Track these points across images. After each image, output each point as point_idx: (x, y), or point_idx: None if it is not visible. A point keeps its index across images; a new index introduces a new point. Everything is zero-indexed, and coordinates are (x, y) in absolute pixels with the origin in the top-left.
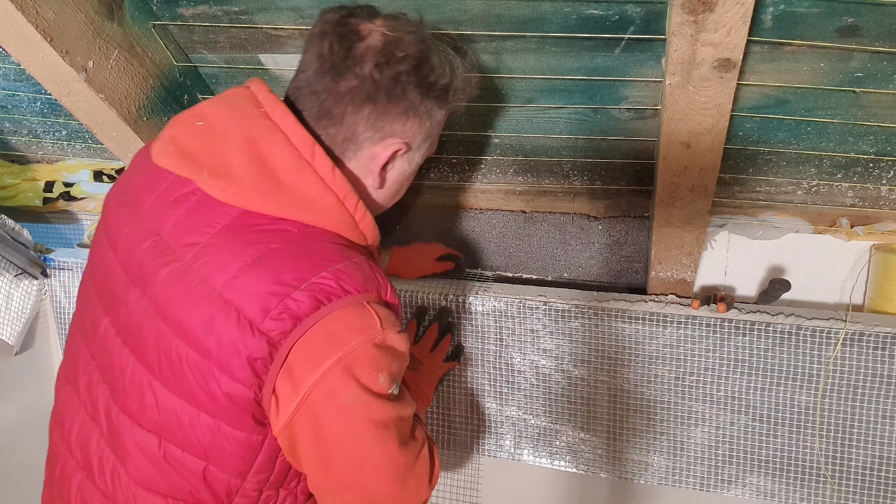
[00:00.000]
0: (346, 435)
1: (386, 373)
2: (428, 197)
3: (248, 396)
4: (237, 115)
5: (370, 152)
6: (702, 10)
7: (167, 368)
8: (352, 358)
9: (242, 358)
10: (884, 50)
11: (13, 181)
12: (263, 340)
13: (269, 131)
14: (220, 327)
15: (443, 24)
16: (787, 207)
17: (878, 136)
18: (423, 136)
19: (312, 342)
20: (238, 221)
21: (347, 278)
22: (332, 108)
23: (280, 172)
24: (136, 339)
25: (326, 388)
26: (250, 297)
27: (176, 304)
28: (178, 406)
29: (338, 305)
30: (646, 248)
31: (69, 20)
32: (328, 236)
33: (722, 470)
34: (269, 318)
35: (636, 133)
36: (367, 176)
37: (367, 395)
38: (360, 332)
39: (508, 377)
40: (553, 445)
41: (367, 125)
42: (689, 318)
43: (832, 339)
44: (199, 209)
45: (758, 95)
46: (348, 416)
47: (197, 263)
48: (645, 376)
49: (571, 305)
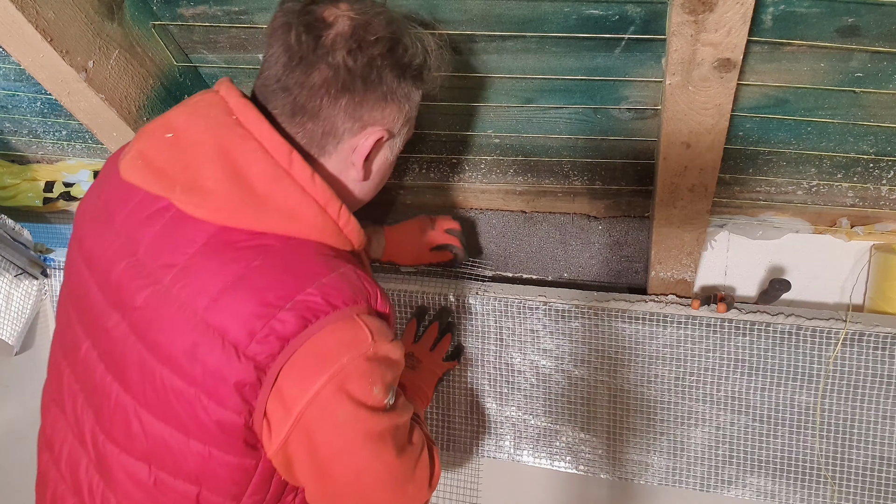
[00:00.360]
0: (342, 450)
1: (380, 384)
2: (428, 197)
3: (238, 423)
4: (208, 123)
5: (350, 144)
6: (702, 10)
7: (152, 396)
8: (344, 375)
9: (230, 385)
10: (884, 50)
11: (13, 181)
12: (250, 365)
13: (241, 140)
14: (204, 354)
15: (442, 24)
16: (788, 207)
17: (878, 136)
18: (403, 121)
19: (302, 363)
20: (215, 239)
21: (334, 292)
22: (307, 102)
23: (256, 183)
24: (119, 365)
25: (319, 407)
26: (234, 321)
27: (157, 330)
28: (166, 433)
29: (326, 322)
30: (646, 248)
31: (69, 20)
32: (311, 247)
33: (722, 470)
34: (254, 342)
35: (636, 133)
36: (349, 169)
37: (362, 409)
38: (351, 347)
39: (508, 377)
40: (553, 446)
41: (346, 116)
42: (689, 318)
43: (832, 339)
44: (173, 227)
45: (758, 95)
46: (343, 431)
47: (176, 287)
48: (645, 376)
49: (571, 305)
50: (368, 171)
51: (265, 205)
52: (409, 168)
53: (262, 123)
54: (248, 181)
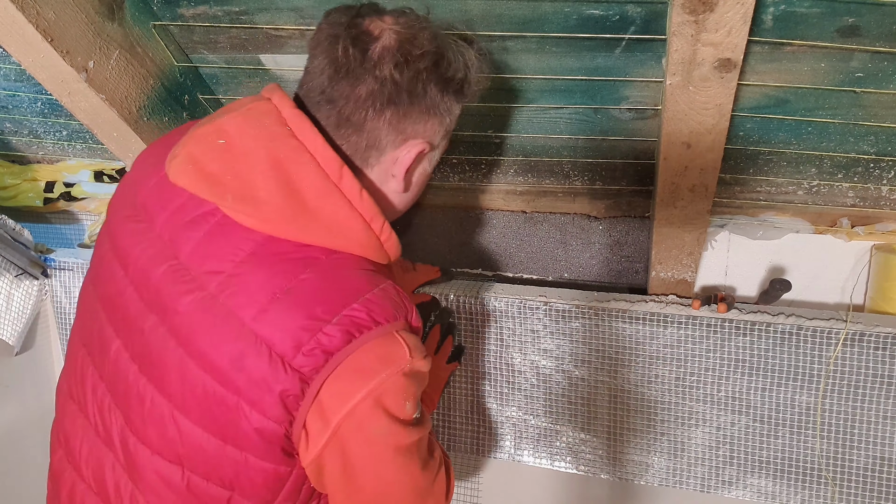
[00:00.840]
0: (372, 463)
1: (412, 400)
2: (428, 197)
3: (279, 432)
4: (261, 132)
5: (392, 156)
6: (702, 11)
7: (191, 401)
8: (382, 390)
9: (275, 395)
10: (884, 50)
11: (14, 181)
12: (296, 377)
13: (295, 152)
14: (250, 364)
15: None
16: (788, 207)
17: (878, 136)
18: (443, 134)
19: (344, 376)
20: (263, 249)
21: (378, 308)
22: (352, 114)
23: (308, 197)
24: (156, 368)
25: (356, 421)
26: (282, 333)
27: (201, 337)
28: (202, 438)
29: (369, 337)
30: (646, 249)
31: (70, 20)
32: (354, 262)
33: (722, 471)
34: (301, 354)
35: (637, 133)
36: (390, 181)
37: (395, 423)
38: (390, 363)
39: (508, 377)
40: (553, 446)
41: (390, 129)
42: (689, 318)
43: (833, 339)
44: (219, 233)
45: (758, 95)
46: (376, 445)
47: (223, 294)
48: (645, 377)
49: (572, 305)
50: (409, 183)
51: (314, 218)
52: None
53: (316, 137)
54: (299, 194)
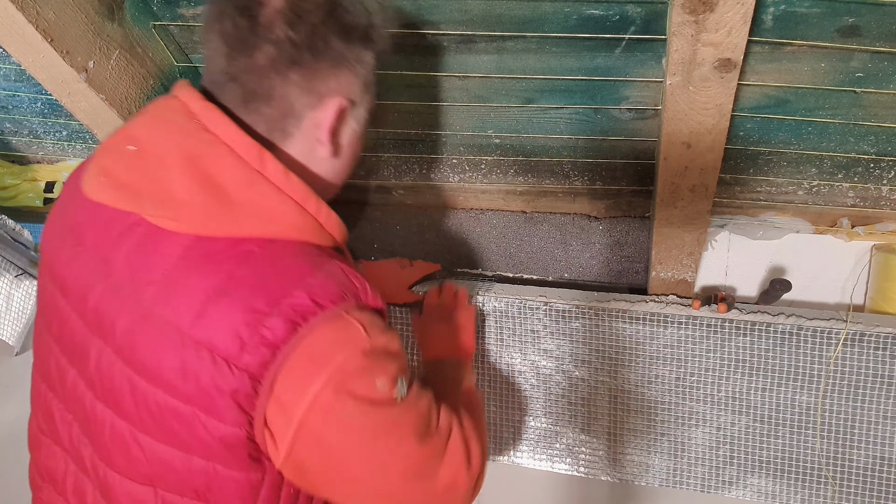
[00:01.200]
0: (355, 449)
1: (383, 378)
2: (428, 197)
3: (240, 436)
4: (171, 131)
5: (312, 120)
6: (702, 11)
7: (148, 419)
8: (342, 374)
9: (226, 398)
10: (884, 50)
11: (14, 181)
12: (244, 376)
13: (210, 146)
14: (196, 371)
15: (442, 24)
16: (788, 208)
17: (878, 137)
18: (361, 87)
19: (297, 368)
20: (193, 251)
21: (321, 291)
22: (257, 86)
23: (231, 189)
24: (109, 392)
25: (322, 410)
26: (222, 334)
27: (144, 352)
28: (167, 454)
29: (316, 324)
30: (646, 249)
31: (70, 20)
32: (294, 247)
33: (723, 471)
34: (245, 353)
35: (637, 133)
36: (317, 148)
37: (368, 406)
38: (345, 345)
39: (508, 378)
40: (553, 448)
41: (301, 91)
42: (689, 318)
43: (833, 339)
44: (147, 243)
45: (758, 95)
46: (353, 431)
47: (158, 306)
48: (645, 377)
49: (572, 306)
50: (338, 147)
51: (242, 210)
52: (409, 168)
53: (228, 126)
54: (221, 188)
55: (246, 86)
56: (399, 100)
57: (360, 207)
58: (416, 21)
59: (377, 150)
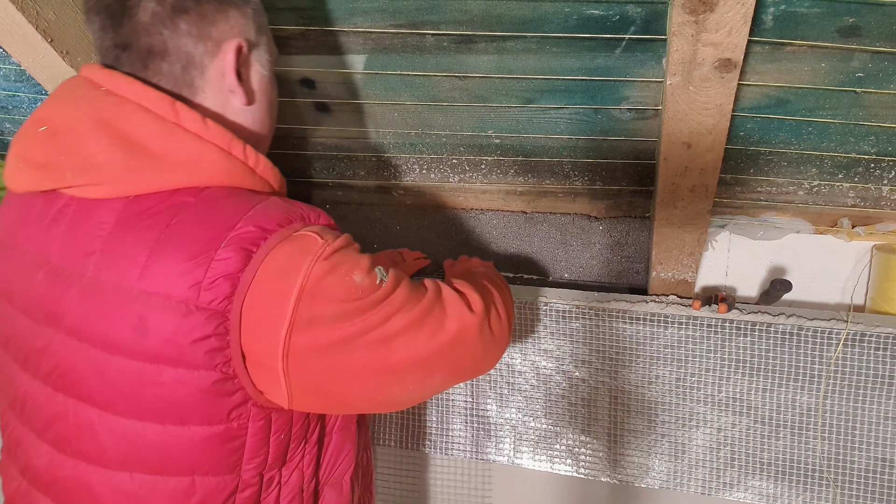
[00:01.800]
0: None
1: (359, 271)
2: (429, 197)
3: (214, 379)
4: (78, 103)
5: (216, 69)
6: (702, 11)
7: (114, 394)
8: (313, 282)
9: (193, 343)
10: (885, 50)
11: None
12: (208, 315)
13: (118, 107)
14: (155, 323)
15: (442, 24)
16: (789, 208)
17: (879, 137)
18: (255, 27)
19: (263, 292)
20: (127, 212)
21: (266, 218)
22: (151, 45)
23: (149, 144)
24: (67, 378)
25: (305, 323)
26: (173, 278)
27: (97, 322)
28: (139, 429)
29: (269, 247)
30: (647, 249)
31: (70, 21)
32: (227, 191)
33: (723, 473)
34: (203, 290)
35: (637, 133)
36: (230, 98)
37: (355, 302)
38: (305, 255)
39: (508, 378)
40: (553, 449)
41: (194, 39)
42: (690, 318)
43: (833, 339)
44: (80, 218)
45: (759, 96)
46: (350, 328)
47: (102, 273)
48: (646, 377)
49: (572, 306)
50: (250, 92)
51: (165, 163)
52: (410, 168)
53: (133, 83)
54: (139, 144)
55: (139, 48)
56: (399, 100)
57: (359, 207)
58: (416, 21)
59: (377, 150)
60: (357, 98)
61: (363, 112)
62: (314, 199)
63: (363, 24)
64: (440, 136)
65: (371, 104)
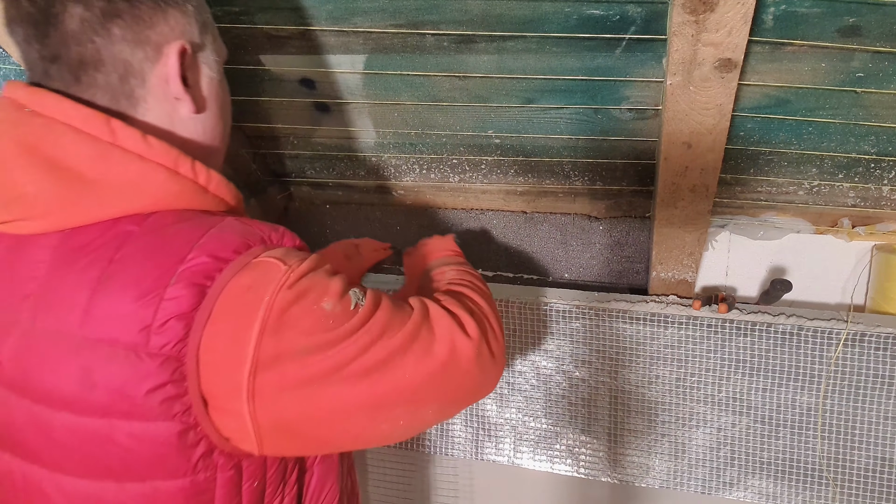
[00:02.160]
0: (339, 375)
1: (330, 297)
2: (429, 197)
3: (173, 430)
4: (1, 128)
5: (159, 76)
6: (703, 11)
7: (61, 453)
8: (276, 313)
9: (146, 393)
10: (885, 50)
11: None
12: (159, 361)
13: (46, 128)
14: (102, 374)
15: (443, 24)
16: (789, 208)
17: (879, 137)
18: (199, 25)
19: (221, 331)
20: (63, 248)
21: (220, 246)
22: (82, 55)
23: (83, 169)
24: (10, 437)
25: (271, 360)
26: (118, 323)
27: (37, 375)
28: (95, 489)
29: (225, 279)
30: (647, 249)
31: None
32: (176, 216)
33: (723, 472)
34: (153, 334)
35: (637, 133)
36: (177, 108)
37: (327, 333)
38: (266, 283)
39: (508, 379)
40: (553, 449)
41: (131, 45)
42: (690, 318)
43: (834, 339)
44: (12, 258)
45: (759, 96)
46: (325, 359)
47: (39, 318)
48: (646, 377)
49: (572, 306)
50: (199, 99)
51: (103, 189)
52: (410, 168)
53: (60, 102)
54: (71, 170)
55: (69, 59)
56: (399, 100)
57: (359, 207)
58: (416, 21)
59: (377, 150)
60: (357, 98)
61: (363, 112)
62: (314, 200)
63: (363, 24)
64: (440, 136)
65: (371, 104)
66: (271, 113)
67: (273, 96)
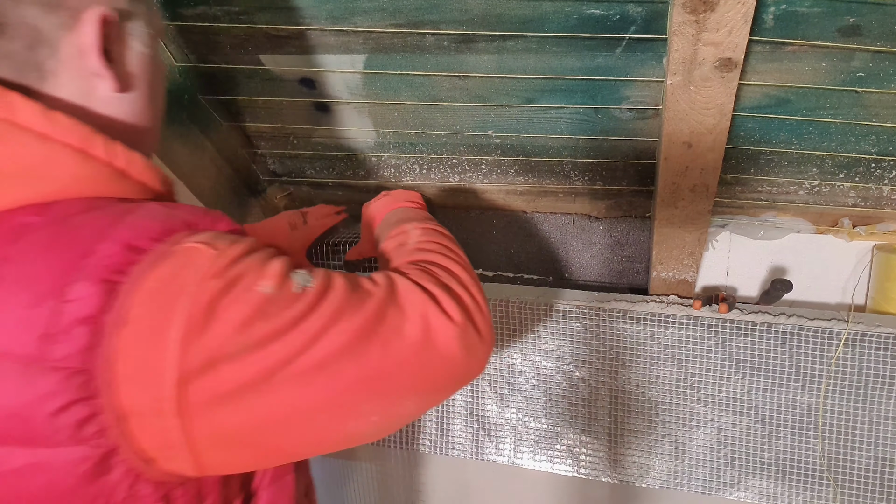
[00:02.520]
0: (292, 373)
1: (268, 279)
2: (429, 197)
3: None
4: None
5: (72, 48)
6: (703, 10)
7: None
8: (202, 308)
9: (49, 415)
10: (886, 50)
11: None
12: (62, 375)
13: None
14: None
15: (443, 24)
16: (789, 207)
17: (879, 136)
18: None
19: (137, 334)
20: None
21: (135, 234)
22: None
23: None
24: None
25: (203, 365)
26: (12, 331)
27: None
28: None
29: (139, 274)
30: (647, 249)
31: None
32: (84, 204)
33: (724, 473)
34: (54, 343)
35: (637, 133)
36: (95, 84)
37: (267, 322)
38: (190, 274)
39: (508, 378)
40: (553, 449)
41: (41, 8)
42: (690, 318)
43: (834, 339)
44: None
45: (759, 95)
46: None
47: None
48: (646, 377)
49: (572, 306)
50: (124, 76)
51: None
52: (409, 168)
53: None
54: None
55: None
56: (399, 100)
57: (360, 207)
58: (417, 20)
59: (377, 150)
60: (357, 98)
61: (363, 112)
62: (314, 200)
63: (363, 24)
64: (440, 135)
65: (371, 104)
66: (271, 113)
67: (273, 96)
